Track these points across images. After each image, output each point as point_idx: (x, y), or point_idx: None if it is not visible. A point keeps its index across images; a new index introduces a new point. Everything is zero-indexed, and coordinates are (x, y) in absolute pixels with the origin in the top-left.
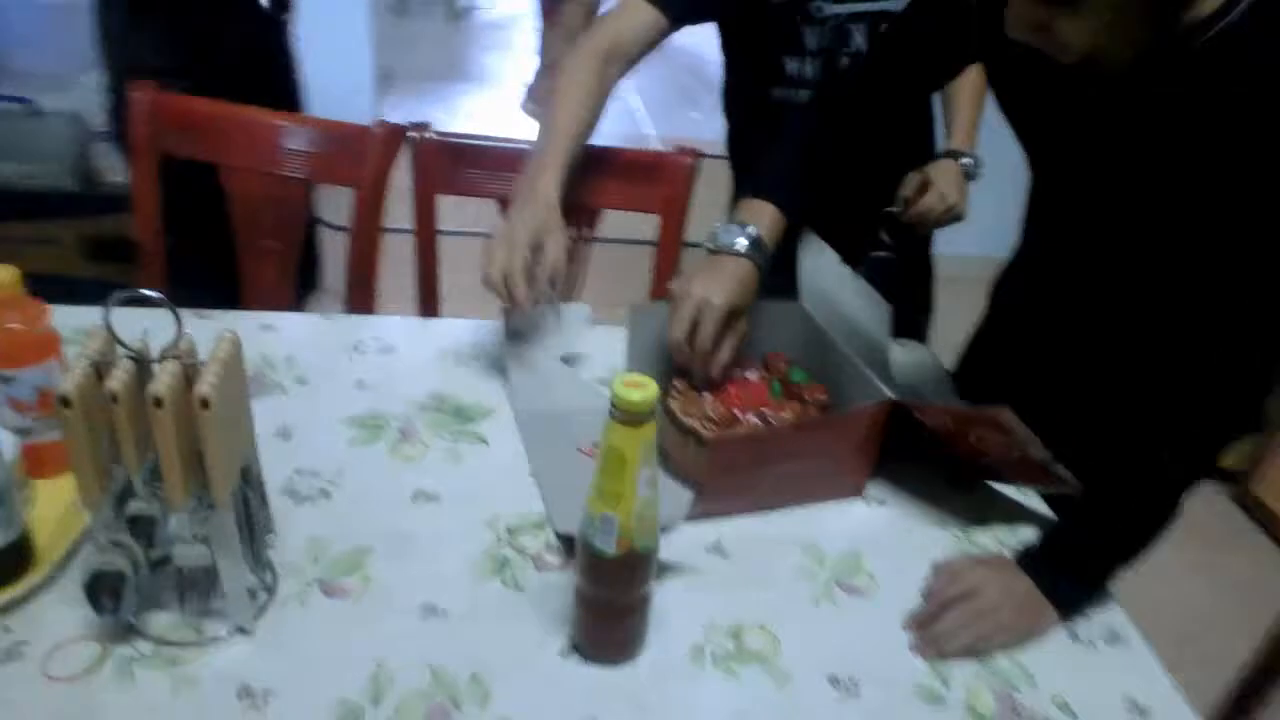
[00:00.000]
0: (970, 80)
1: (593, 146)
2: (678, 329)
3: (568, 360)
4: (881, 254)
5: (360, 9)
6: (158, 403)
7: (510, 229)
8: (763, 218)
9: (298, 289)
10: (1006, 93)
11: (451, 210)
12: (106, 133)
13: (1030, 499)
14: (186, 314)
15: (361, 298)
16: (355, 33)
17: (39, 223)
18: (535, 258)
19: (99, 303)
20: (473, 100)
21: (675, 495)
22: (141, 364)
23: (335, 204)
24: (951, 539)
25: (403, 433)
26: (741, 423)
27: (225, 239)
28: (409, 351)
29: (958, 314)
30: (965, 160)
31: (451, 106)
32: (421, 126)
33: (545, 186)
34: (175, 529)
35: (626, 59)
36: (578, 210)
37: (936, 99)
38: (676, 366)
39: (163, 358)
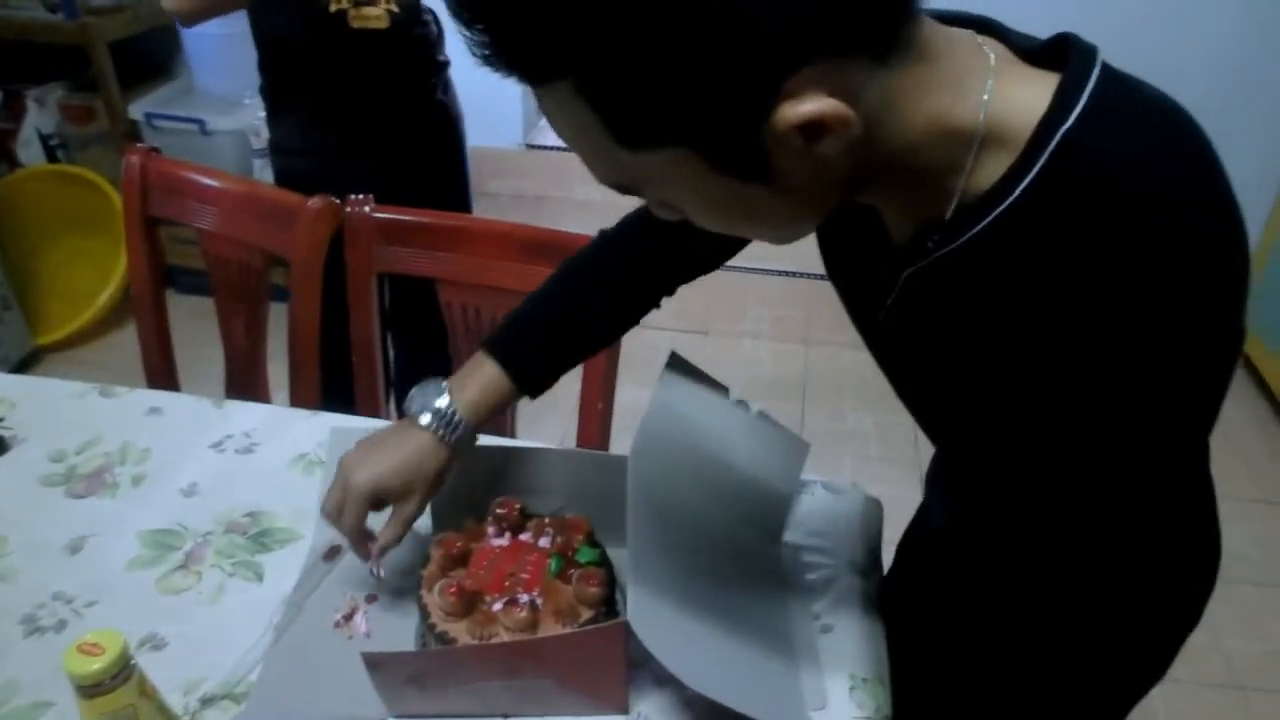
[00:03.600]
0: None
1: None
2: (326, 503)
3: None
4: None
5: None
6: None
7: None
8: (474, 379)
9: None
10: (854, 307)
11: None
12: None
13: None
14: (90, 390)
15: (304, 389)
16: None
17: None
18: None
19: None
20: None
21: None
22: None
23: None
24: None
25: (187, 556)
26: (481, 610)
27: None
28: (268, 452)
29: None
30: None
31: None
32: (359, 201)
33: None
34: None
35: None
36: None
37: None
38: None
39: None
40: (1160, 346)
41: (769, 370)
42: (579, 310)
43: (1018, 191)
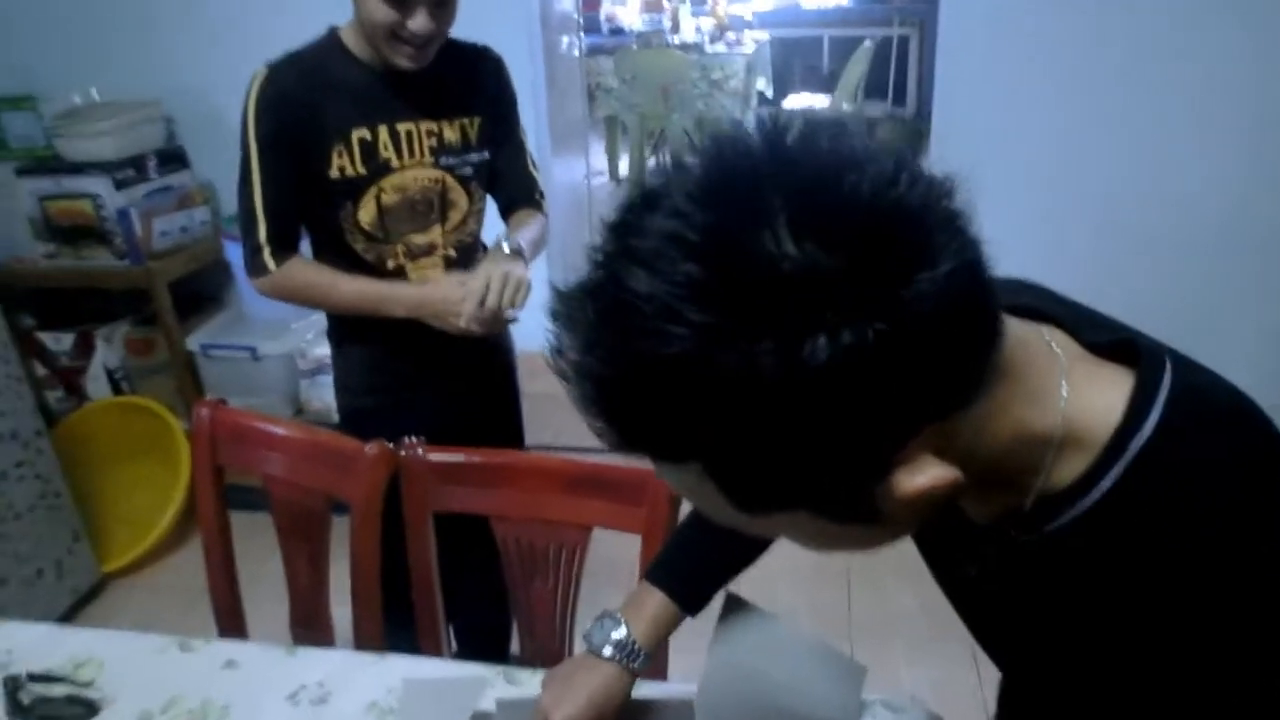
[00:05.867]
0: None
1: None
2: None
3: None
4: None
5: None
6: None
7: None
8: (645, 608)
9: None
10: (934, 565)
11: None
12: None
13: None
14: (170, 644)
15: (368, 626)
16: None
17: None
18: None
19: None
20: None
21: None
22: None
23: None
24: None
25: None
26: None
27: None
28: (343, 700)
29: None
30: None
31: None
32: (413, 445)
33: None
34: None
35: None
36: None
37: None
38: None
39: None
40: (1233, 649)
41: (813, 556)
42: (721, 538)
43: (1096, 495)
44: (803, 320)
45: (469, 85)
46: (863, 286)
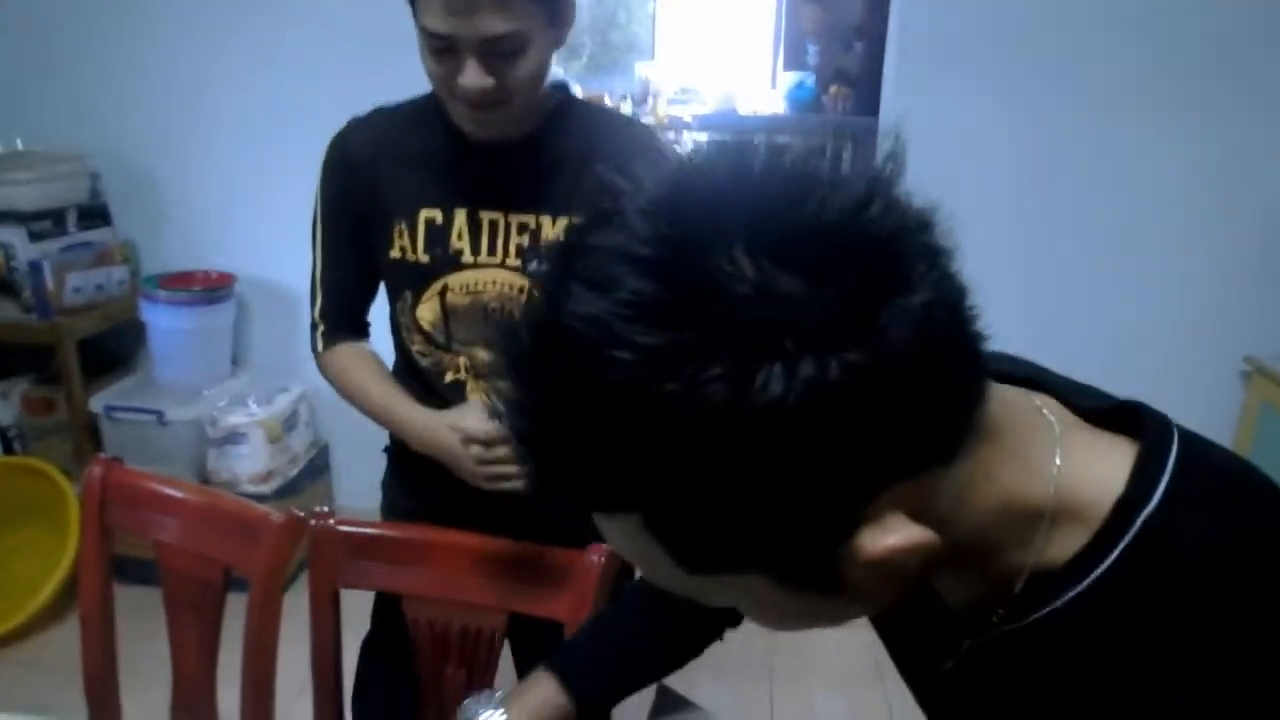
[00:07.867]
0: None
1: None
2: None
3: None
4: None
5: None
6: None
7: None
8: (532, 697)
9: None
10: (902, 661)
11: None
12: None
13: None
14: None
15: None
16: None
17: None
18: None
19: None
20: None
21: None
22: None
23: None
24: None
25: None
26: None
27: None
28: None
29: None
30: None
31: None
32: (324, 514)
33: None
34: None
35: None
36: None
37: None
38: None
39: None
40: None
41: (734, 651)
42: (642, 636)
43: (1095, 574)
44: (757, 346)
45: (594, 170)
46: (826, 313)
